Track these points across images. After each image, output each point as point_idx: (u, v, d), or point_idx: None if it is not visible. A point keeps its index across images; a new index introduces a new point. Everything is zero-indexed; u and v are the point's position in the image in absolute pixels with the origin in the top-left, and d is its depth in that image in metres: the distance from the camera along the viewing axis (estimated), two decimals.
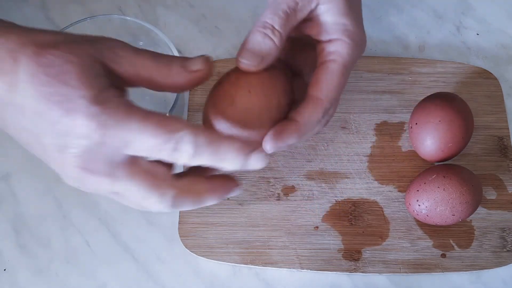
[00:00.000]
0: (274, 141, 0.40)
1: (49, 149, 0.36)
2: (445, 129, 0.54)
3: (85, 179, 0.37)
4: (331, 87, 0.42)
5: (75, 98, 0.35)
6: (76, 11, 0.67)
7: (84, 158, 0.36)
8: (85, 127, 0.35)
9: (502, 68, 0.65)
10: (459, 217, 0.53)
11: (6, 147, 0.60)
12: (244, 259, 0.54)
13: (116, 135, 0.35)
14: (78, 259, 0.55)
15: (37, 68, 0.35)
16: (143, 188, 0.37)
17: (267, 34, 0.41)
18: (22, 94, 0.35)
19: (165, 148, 0.36)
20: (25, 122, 0.36)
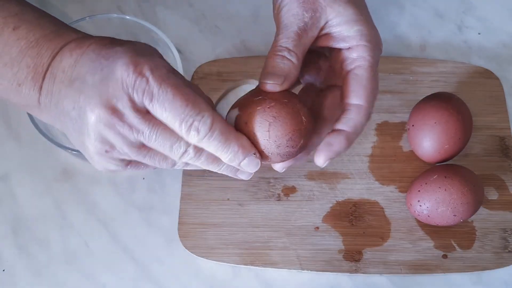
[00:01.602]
0: (325, 154, 0.43)
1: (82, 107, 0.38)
2: (441, 131, 0.54)
3: (107, 122, 0.38)
4: (368, 92, 0.44)
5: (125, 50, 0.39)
6: (76, 10, 0.67)
7: (111, 99, 0.38)
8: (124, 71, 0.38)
9: (504, 68, 0.65)
10: (461, 218, 0.53)
11: (5, 147, 0.60)
12: (244, 260, 0.54)
13: (146, 85, 0.38)
14: (77, 259, 0.55)
15: (106, 42, 0.40)
16: (168, 134, 0.39)
17: (284, 56, 0.43)
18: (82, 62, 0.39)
19: (185, 119, 0.38)
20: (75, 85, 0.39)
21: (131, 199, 0.58)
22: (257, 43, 0.66)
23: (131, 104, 0.38)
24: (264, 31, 0.67)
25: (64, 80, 0.40)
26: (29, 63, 0.40)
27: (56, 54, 0.40)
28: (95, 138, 0.39)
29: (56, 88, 0.40)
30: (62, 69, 0.40)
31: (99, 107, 0.38)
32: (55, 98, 0.40)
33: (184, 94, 0.39)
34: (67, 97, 0.39)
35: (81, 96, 0.39)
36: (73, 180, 0.58)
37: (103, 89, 0.38)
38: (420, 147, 0.56)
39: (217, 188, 0.57)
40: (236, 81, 0.63)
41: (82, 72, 0.39)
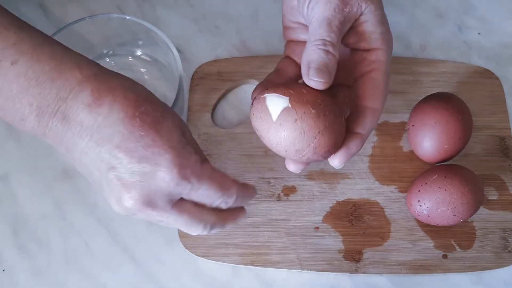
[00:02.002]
0: (343, 156, 0.45)
1: (113, 180, 0.40)
2: (441, 131, 0.54)
3: (140, 211, 0.41)
4: (382, 95, 0.46)
5: (163, 146, 0.39)
6: (76, 10, 0.67)
7: (151, 196, 0.40)
8: (168, 174, 0.40)
9: (504, 68, 0.65)
10: (461, 218, 0.52)
11: (5, 147, 0.60)
12: (244, 260, 0.54)
13: (187, 185, 0.41)
14: (77, 260, 0.55)
15: (134, 112, 0.39)
16: (190, 220, 0.43)
17: (329, 51, 0.43)
18: (110, 129, 0.39)
19: (218, 200, 0.43)
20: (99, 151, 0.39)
21: None
22: (257, 43, 0.66)
23: (168, 198, 0.41)
24: (264, 31, 0.67)
25: (84, 136, 0.39)
26: (32, 101, 0.39)
27: (66, 99, 0.39)
28: (121, 209, 0.42)
29: (72, 137, 0.40)
30: (80, 123, 0.39)
31: (136, 201, 0.40)
32: (67, 144, 0.40)
33: (217, 181, 0.42)
34: (88, 156, 0.40)
35: (111, 171, 0.39)
36: (73, 180, 0.58)
37: (144, 184, 0.40)
38: (420, 147, 0.56)
39: None
40: (236, 81, 0.63)
41: (111, 143, 0.39)
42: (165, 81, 0.61)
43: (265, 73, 0.62)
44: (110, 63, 0.62)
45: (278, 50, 0.65)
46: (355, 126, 0.45)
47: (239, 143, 0.59)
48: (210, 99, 0.62)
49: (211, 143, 0.59)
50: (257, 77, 0.62)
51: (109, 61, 0.62)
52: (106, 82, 0.40)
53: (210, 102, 0.62)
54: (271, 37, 0.66)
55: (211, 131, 0.60)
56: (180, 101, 0.55)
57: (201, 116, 0.61)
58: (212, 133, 0.60)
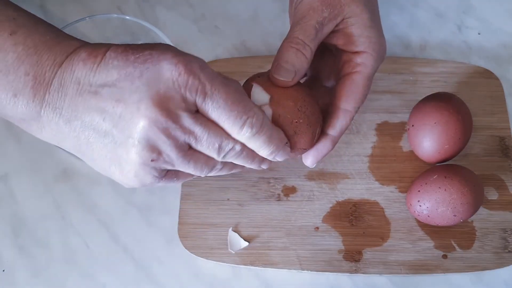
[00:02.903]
0: (314, 157, 0.46)
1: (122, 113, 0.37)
2: (441, 131, 0.54)
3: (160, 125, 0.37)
4: (358, 98, 0.45)
5: (163, 52, 0.37)
6: (75, 11, 0.67)
7: (164, 100, 0.36)
8: (173, 70, 0.37)
9: (504, 68, 0.65)
10: (461, 218, 0.52)
11: (5, 147, 0.60)
12: (244, 260, 0.54)
13: (198, 85, 0.37)
14: (77, 260, 0.55)
15: (125, 48, 0.38)
16: (218, 134, 0.39)
17: (299, 49, 0.43)
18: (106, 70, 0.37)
19: (238, 116, 0.38)
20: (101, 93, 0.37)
21: (131, 199, 0.58)
22: (257, 43, 0.66)
23: (184, 104, 0.37)
24: (264, 31, 0.67)
25: (83, 92, 0.37)
26: (28, 70, 0.37)
27: (62, 64, 0.38)
28: (144, 146, 0.37)
29: (70, 102, 0.38)
30: (76, 81, 0.37)
31: (152, 110, 0.36)
32: (67, 113, 0.38)
33: (233, 90, 0.39)
34: (91, 109, 0.37)
35: (118, 103, 0.37)
36: (73, 180, 0.58)
37: (151, 92, 0.36)
38: (420, 147, 0.56)
39: (217, 188, 0.57)
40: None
41: (110, 80, 0.37)
42: None
43: None
44: None
45: None
46: (325, 127, 0.46)
47: None
48: None
49: None
50: None
51: None
52: (100, 44, 0.39)
53: None
54: (271, 37, 0.66)
55: None
56: None
57: None
58: None
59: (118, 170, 0.39)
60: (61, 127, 0.38)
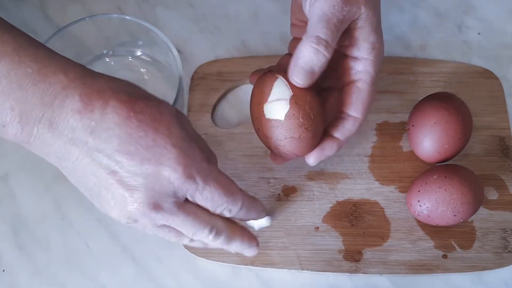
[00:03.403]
0: (317, 156, 0.48)
1: (114, 185, 0.38)
2: (441, 131, 0.54)
3: (144, 215, 0.40)
4: (365, 105, 0.47)
5: (165, 145, 0.38)
6: (75, 11, 0.67)
7: (156, 198, 0.39)
8: (172, 173, 0.38)
9: (504, 68, 0.65)
10: (461, 218, 0.52)
11: (5, 147, 0.60)
12: (244, 260, 0.54)
13: (192, 184, 0.40)
14: (77, 260, 0.55)
15: (128, 113, 0.37)
16: (197, 222, 0.42)
17: (320, 50, 0.43)
18: (106, 133, 0.37)
19: (222, 205, 0.42)
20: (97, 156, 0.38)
21: None
22: (257, 43, 0.66)
23: (174, 200, 0.40)
24: (264, 31, 0.67)
25: (77, 144, 0.38)
26: (13, 106, 0.37)
27: (52, 106, 0.37)
28: (123, 216, 0.40)
29: (63, 145, 0.38)
30: (71, 129, 0.37)
31: (141, 204, 0.39)
32: (58, 152, 0.38)
33: (223, 184, 0.41)
34: (83, 164, 0.38)
35: (112, 176, 0.38)
36: None
37: (147, 186, 0.38)
38: (420, 147, 0.56)
39: None
40: (236, 81, 0.63)
41: (110, 148, 0.37)
42: (165, 81, 0.61)
43: None
44: (110, 63, 0.62)
45: (278, 50, 0.65)
46: (334, 130, 0.48)
47: (239, 143, 0.59)
48: (210, 99, 0.62)
49: (211, 143, 0.59)
50: None
51: (109, 61, 0.62)
52: (93, 85, 0.38)
53: (210, 102, 0.61)
54: (271, 37, 0.66)
55: (211, 131, 0.60)
56: (180, 101, 0.55)
57: (201, 116, 0.61)
58: (212, 133, 0.60)
59: (99, 206, 0.41)
60: (52, 158, 0.40)
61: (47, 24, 0.66)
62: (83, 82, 0.38)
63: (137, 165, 0.38)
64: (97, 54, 0.62)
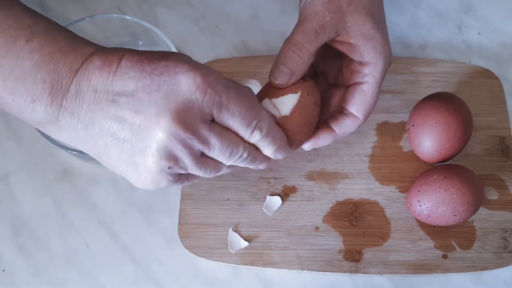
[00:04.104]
0: (312, 143, 0.49)
1: (141, 125, 0.38)
2: (441, 131, 0.54)
3: (178, 138, 0.38)
4: (368, 107, 0.48)
5: (177, 63, 0.38)
6: (75, 11, 0.67)
7: (183, 115, 0.38)
8: (191, 83, 0.38)
9: (504, 68, 0.65)
10: (461, 218, 0.52)
11: (5, 147, 0.60)
12: (244, 260, 0.54)
13: (215, 97, 0.39)
14: (77, 260, 0.55)
15: (140, 57, 0.39)
16: (231, 141, 0.41)
17: (296, 52, 0.44)
18: (122, 79, 0.38)
19: (250, 122, 0.41)
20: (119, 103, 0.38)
21: (131, 199, 0.58)
22: (257, 43, 0.66)
23: (201, 116, 0.39)
24: (264, 31, 0.67)
25: (100, 100, 0.38)
26: (45, 77, 0.38)
27: (78, 71, 0.38)
28: (162, 156, 0.39)
29: (88, 109, 0.39)
30: (93, 88, 0.38)
31: (170, 124, 0.38)
32: (85, 119, 0.39)
33: (246, 98, 0.41)
34: (109, 117, 0.38)
35: (137, 114, 0.38)
36: (73, 180, 0.58)
37: (170, 106, 0.38)
38: (420, 147, 0.56)
39: (217, 188, 0.57)
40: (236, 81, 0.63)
41: (128, 90, 0.38)
42: None
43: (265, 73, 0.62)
44: None
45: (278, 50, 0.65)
46: (333, 124, 0.48)
47: None
48: None
49: None
50: (257, 77, 0.62)
51: None
52: (113, 49, 0.40)
53: None
54: (271, 37, 0.66)
55: None
56: None
57: None
58: None
59: (135, 175, 0.41)
60: (79, 131, 0.39)
61: None
62: (105, 49, 0.40)
63: (155, 91, 0.38)
64: None
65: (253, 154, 0.43)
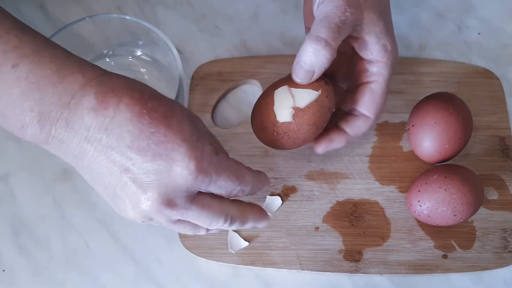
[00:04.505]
0: (325, 146, 0.50)
1: (127, 183, 0.38)
2: (441, 131, 0.54)
3: (158, 212, 0.39)
4: (378, 106, 0.48)
5: (176, 140, 0.38)
6: (75, 11, 0.67)
7: (169, 194, 0.39)
8: (185, 169, 0.38)
9: (504, 68, 0.65)
10: (461, 218, 0.52)
11: (5, 147, 0.60)
12: (244, 260, 0.54)
13: (206, 178, 0.40)
14: (77, 260, 0.55)
15: (141, 110, 0.38)
16: (211, 213, 0.41)
17: (319, 50, 0.44)
18: (118, 130, 0.38)
19: (236, 189, 0.42)
20: (110, 154, 0.38)
21: None
22: (257, 43, 0.66)
23: (186, 194, 0.40)
24: (264, 31, 0.67)
25: (92, 141, 0.38)
26: (33, 107, 0.37)
27: (69, 105, 0.37)
28: (138, 215, 0.40)
29: (78, 143, 0.38)
30: (86, 128, 0.38)
31: (155, 201, 0.39)
32: (75, 151, 0.39)
33: (234, 170, 0.42)
34: (98, 161, 0.38)
35: (127, 173, 0.38)
36: (73, 180, 0.58)
37: (160, 182, 0.38)
38: (420, 147, 0.56)
39: None
40: (236, 81, 0.63)
41: (122, 145, 0.38)
42: (165, 81, 0.61)
43: (265, 73, 0.63)
44: (110, 63, 0.62)
45: (278, 50, 0.65)
46: (344, 125, 0.49)
47: (239, 143, 0.59)
48: (210, 99, 0.62)
49: None
50: (257, 77, 0.62)
51: (109, 61, 0.62)
52: (109, 83, 0.39)
53: (210, 102, 0.61)
54: (271, 37, 0.66)
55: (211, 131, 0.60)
56: (180, 101, 0.55)
57: (201, 116, 0.59)
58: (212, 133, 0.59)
59: (114, 207, 0.41)
60: (68, 157, 0.40)
61: (47, 24, 0.66)
62: (99, 81, 0.39)
63: (149, 161, 0.38)
64: (97, 54, 0.62)
65: (239, 221, 0.44)
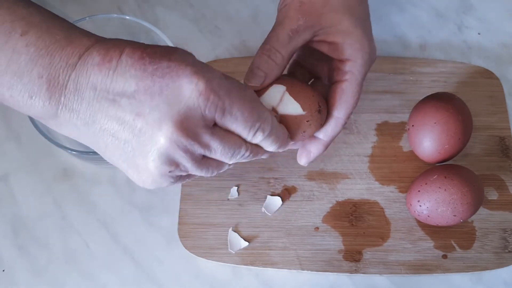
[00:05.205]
0: (306, 158, 0.49)
1: (142, 128, 0.37)
2: (441, 131, 0.54)
3: (180, 147, 0.38)
4: (348, 106, 0.47)
5: (180, 65, 0.37)
6: (75, 11, 0.67)
7: (185, 122, 0.37)
8: (194, 90, 0.37)
9: (504, 68, 0.65)
10: (461, 218, 0.52)
11: (5, 147, 0.60)
12: (244, 260, 0.54)
13: (218, 102, 0.38)
14: (77, 260, 0.55)
15: (141, 54, 0.38)
16: (233, 143, 0.40)
17: (269, 56, 0.45)
18: (123, 77, 0.37)
19: (253, 125, 0.40)
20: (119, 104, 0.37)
21: (131, 199, 0.58)
22: (257, 43, 0.65)
23: (203, 122, 0.38)
24: (264, 31, 0.66)
25: (100, 98, 0.37)
26: (41, 72, 0.37)
27: (75, 66, 0.37)
28: (163, 161, 0.38)
29: (88, 106, 0.38)
30: (92, 86, 0.37)
31: (172, 131, 0.37)
32: (85, 116, 0.38)
33: (248, 101, 0.40)
34: (110, 116, 0.38)
35: (138, 117, 0.37)
36: (73, 180, 0.58)
37: (172, 112, 0.37)
38: (420, 147, 0.56)
39: (217, 188, 0.57)
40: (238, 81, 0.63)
41: (129, 90, 0.37)
42: None
43: None
44: None
45: None
46: (318, 132, 0.48)
47: None
48: None
49: None
50: None
51: None
52: (112, 41, 0.39)
53: None
54: None
55: None
56: None
57: None
58: None
59: (136, 175, 0.40)
60: (79, 127, 0.39)
61: None
62: (103, 41, 0.39)
63: (157, 96, 0.37)
64: None
65: (255, 151, 0.43)
